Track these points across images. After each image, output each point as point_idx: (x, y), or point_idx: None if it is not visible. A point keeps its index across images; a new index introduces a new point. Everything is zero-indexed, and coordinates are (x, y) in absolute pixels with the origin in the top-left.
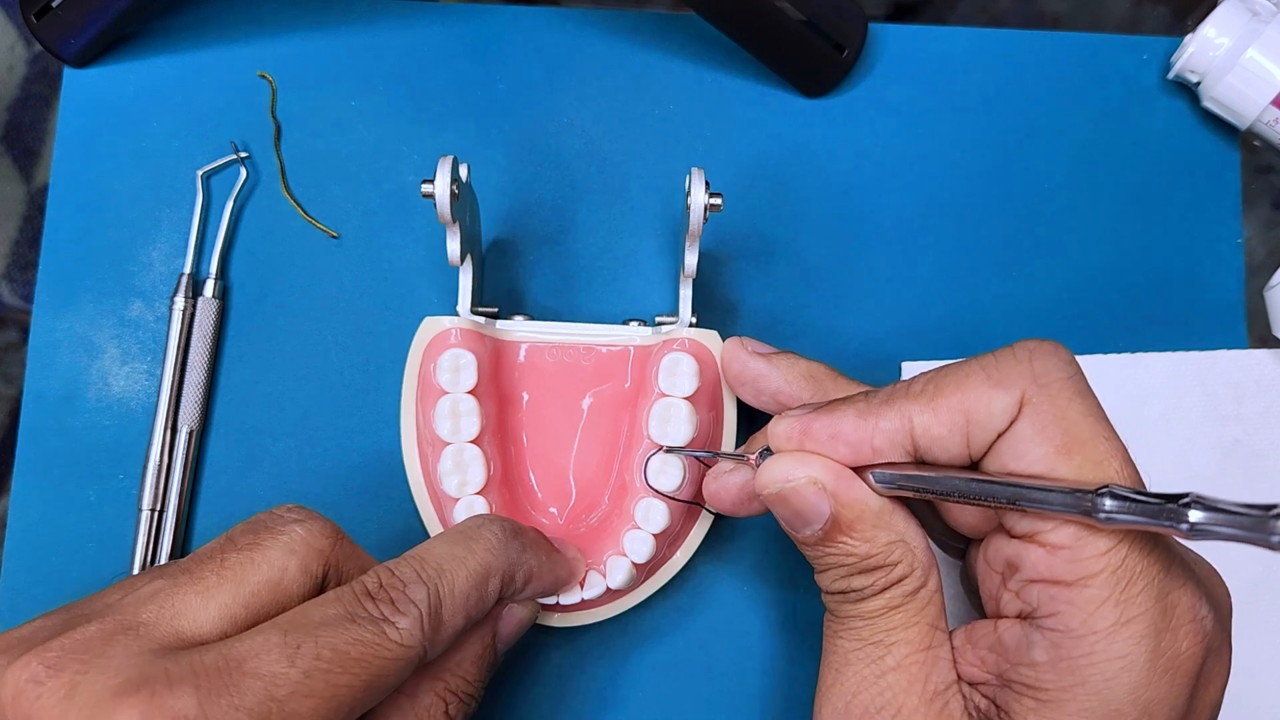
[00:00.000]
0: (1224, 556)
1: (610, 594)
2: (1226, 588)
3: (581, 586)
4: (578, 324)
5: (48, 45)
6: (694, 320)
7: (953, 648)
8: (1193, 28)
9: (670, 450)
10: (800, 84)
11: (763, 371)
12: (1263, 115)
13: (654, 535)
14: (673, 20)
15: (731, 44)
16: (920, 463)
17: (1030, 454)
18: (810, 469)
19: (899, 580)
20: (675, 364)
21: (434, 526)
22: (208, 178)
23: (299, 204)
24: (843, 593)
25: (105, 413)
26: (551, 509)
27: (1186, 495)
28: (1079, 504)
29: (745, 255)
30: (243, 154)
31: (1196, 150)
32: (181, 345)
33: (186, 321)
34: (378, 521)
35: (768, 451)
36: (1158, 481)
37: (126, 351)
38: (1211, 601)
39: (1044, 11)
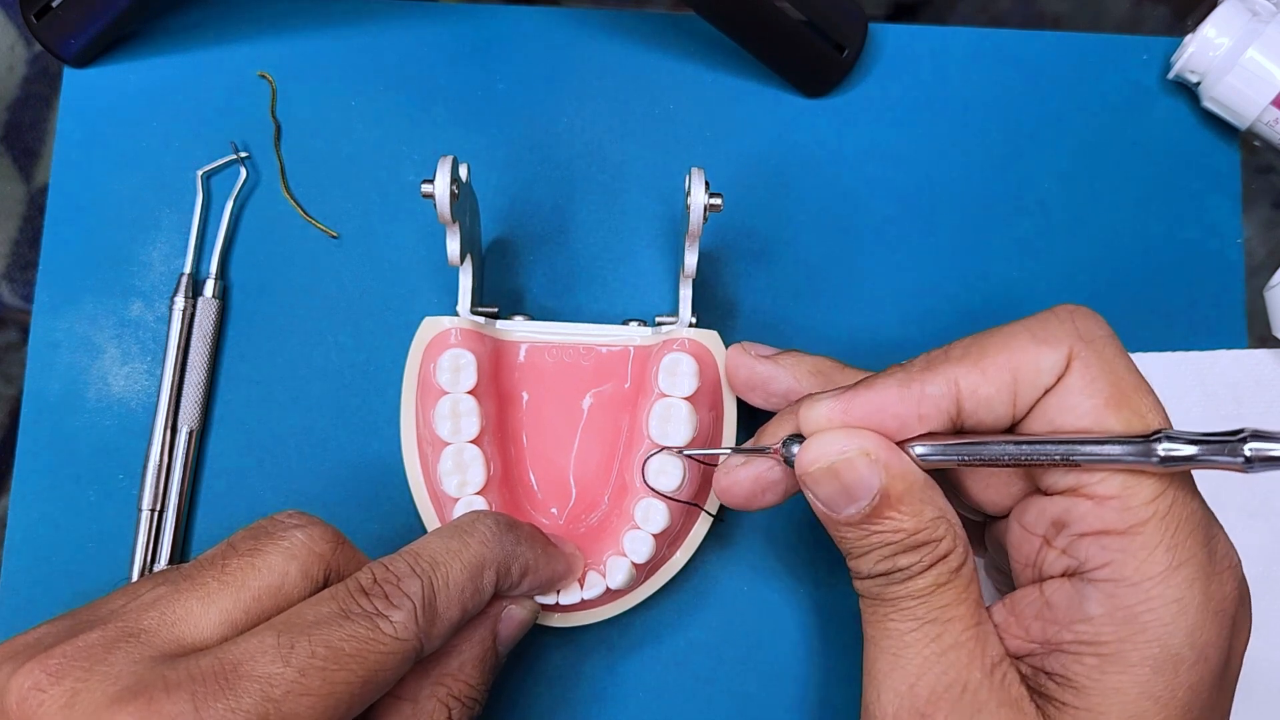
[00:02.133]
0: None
1: (610, 594)
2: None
3: (581, 586)
4: (578, 324)
5: (48, 45)
6: (694, 320)
7: (995, 624)
8: (1193, 28)
9: (680, 452)
10: (800, 84)
11: (771, 374)
12: (1263, 115)
13: (654, 535)
14: (673, 20)
15: (731, 44)
16: (960, 431)
17: (1080, 407)
18: (861, 441)
19: (944, 556)
20: (675, 364)
21: (434, 526)
22: (208, 178)
23: (299, 204)
24: (887, 574)
25: (105, 413)
26: (551, 509)
27: (1242, 431)
28: (1137, 451)
29: (745, 255)
30: (243, 154)
31: (1196, 150)
32: (181, 345)
33: (186, 321)
34: (378, 521)
35: (794, 439)
36: None
37: (126, 351)
38: (1233, 547)
39: (1044, 11)
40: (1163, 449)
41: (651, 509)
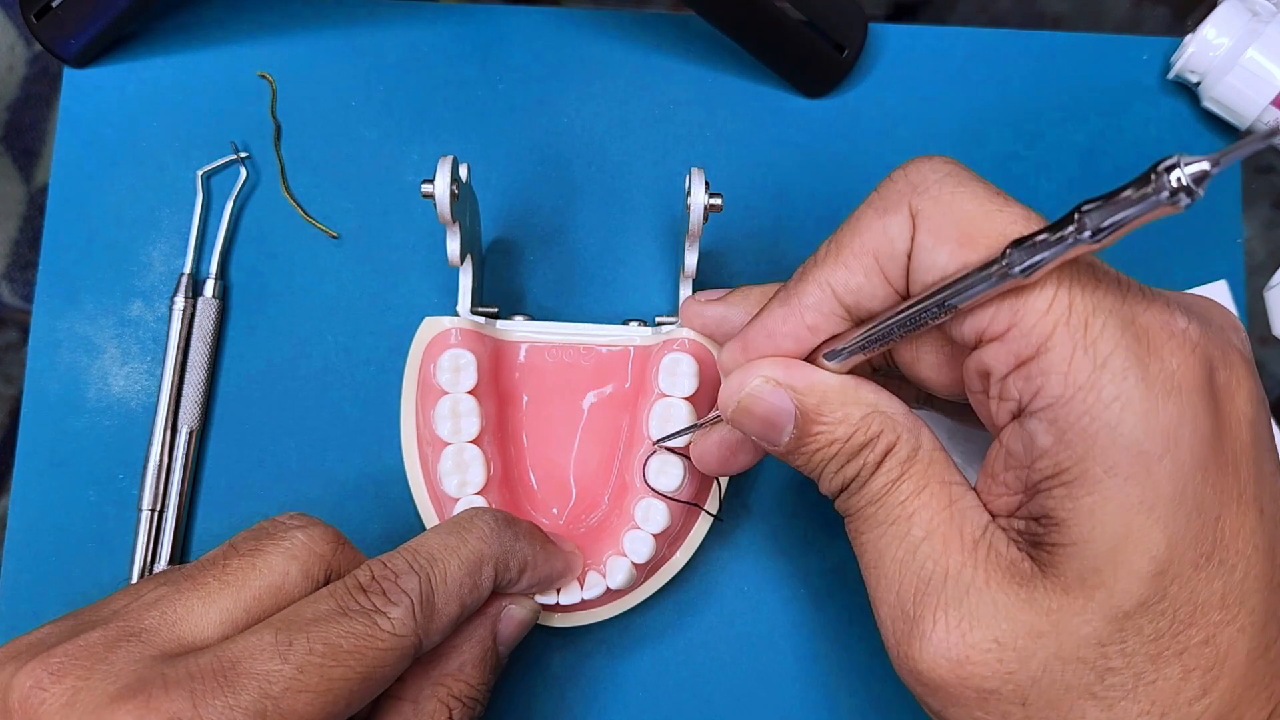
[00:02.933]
0: None
1: (610, 594)
2: (1227, 311)
3: (582, 586)
4: (578, 324)
5: (48, 45)
6: None
7: (978, 494)
8: (1193, 28)
9: (658, 443)
10: (800, 84)
11: (723, 314)
12: (1263, 115)
13: (654, 535)
14: (673, 20)
15: (731, 44)
16: (862, 322)
17: (938, 261)
18: (760, 369)
19: (889, 449)
20: (675, 364)
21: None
22: (208, 178)
23: (299, 204)
24: (844, 488)
25: (105, 413)
26: (552, 509)
27: (1078, 206)
28: (993, 274)
29: (745, 255)
30: (243, 154)
31: (1196, 150)
32: (181, 345)
33: (186, 321)
34: (378, 521)
35: None
36: None
37: (126, 351)
38: (1192, 315)
39: (1044, 11)
40: (1010, 261)
41: (651, 509)
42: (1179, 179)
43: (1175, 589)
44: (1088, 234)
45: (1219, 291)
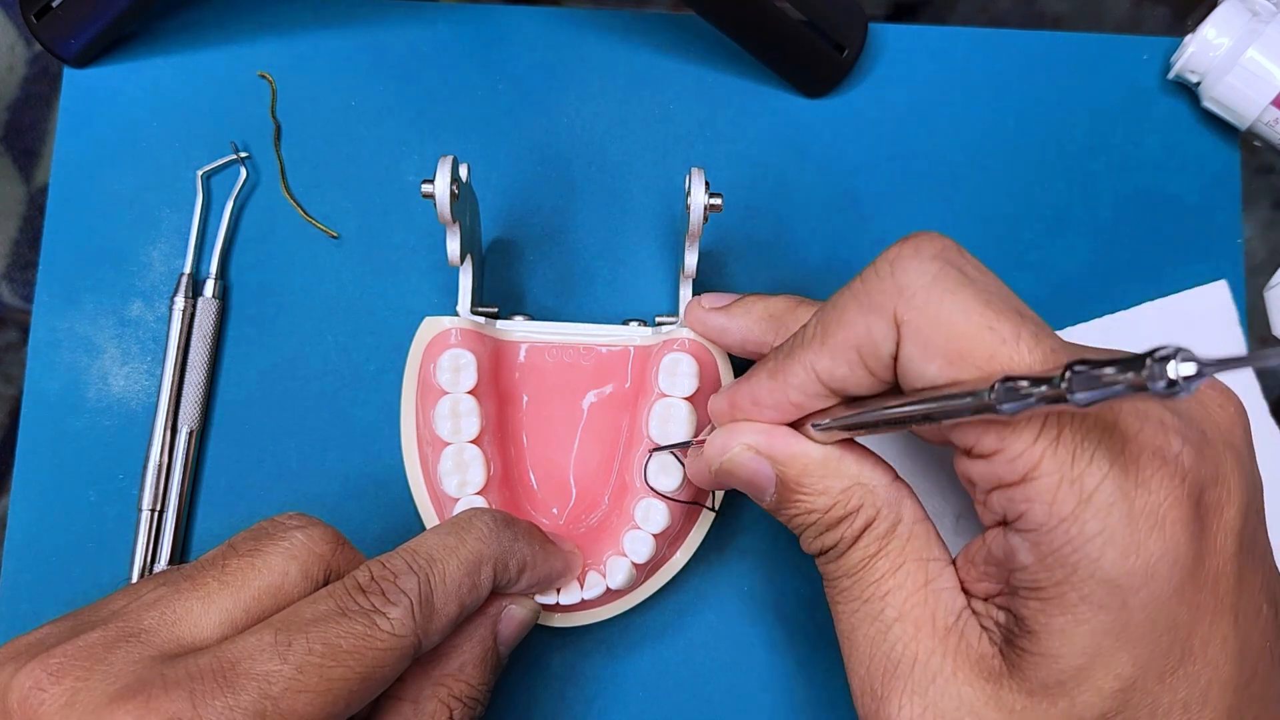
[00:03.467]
0: None
1: (610, 594)
2: (1229, 396)
3: (581, 586)
4: (578, 324)
5: (48, 45)
6: None
7: (957, 570)
8: (1193, 28)
9: (656, 449)
10: (800, 84)
11: (723, 325)
12: (1263, 115)
13: (654, 535)
14: (673, 20)
15: (731, 44)
16: (850, 400)
17: (926, 373)
18: (742, 436)
19: (867, 525)
20: (675, 364)
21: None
22: (208, 178)
23: (299, 204)
24: (822, 554)
25: (105, 413)
26: (552, 509)
27: (1070, 365)
28: (979, 405)
29: (745, 255)
30: (243, 154)
31: (1196, 150)
32: (181, 345)
33: (186, 321)
34: (378, 522)
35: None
36: None
37: (126, 351)
38: (1188, 434)
39: (1044, 11)
40: (997, 398)
41: (651, 509)
42: (1177, 373)
43: (1138, 698)
44: (1075, 396)
45: (1218, 291)
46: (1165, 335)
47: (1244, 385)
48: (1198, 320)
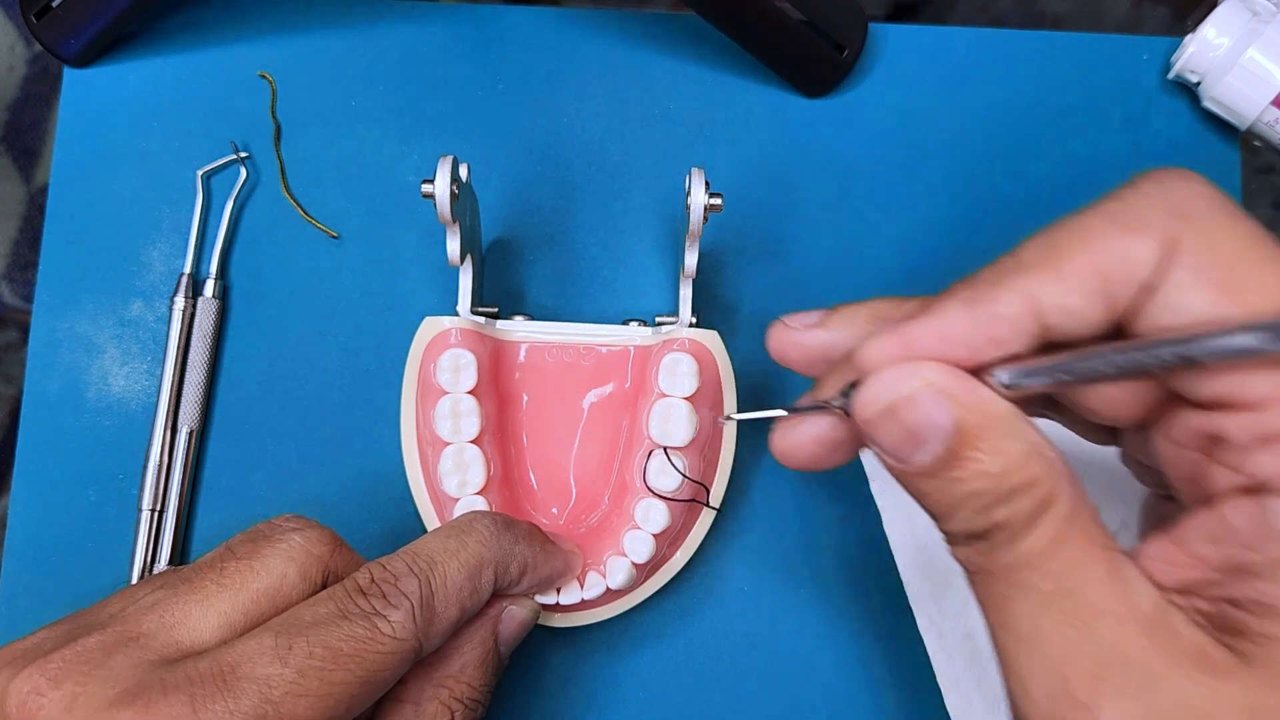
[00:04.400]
0: None
1: (610, 594)
2: None
3: (582, 586)
4: (578, 324)
5: (48, 45)
6: (694, 320)
7: (1143, 559)
8: (1193, 28)
9: (729, 419)
10: (800, 84)
11: (828, 341)
12: (1263, 115)
13: (654, 535)
14: (673, 20)
15: (731, 44)
16: (1048, 346)
17: (1192, 303)
18: (924, 374)
19: (1049, 503)
20: (675, 364)
21: (434, 527)
22: (208, 178)
23: (299, 204)
24: (985, 535)
25: (105, 413)
26: (552, 509)
27: None
28: (1269, 338)
29: (745, 255)
30: (243, 154)
31: (1196, 150)
32: (181, 345)
33: (186, 321)
34: (378, 522)
35: (852, 388)
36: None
37: (126, 351)
38: None
39: (1044, 11)
40: None
41: (652, 509)
42: None
43: None
44: None
45: None
46: None
47: None
48: None
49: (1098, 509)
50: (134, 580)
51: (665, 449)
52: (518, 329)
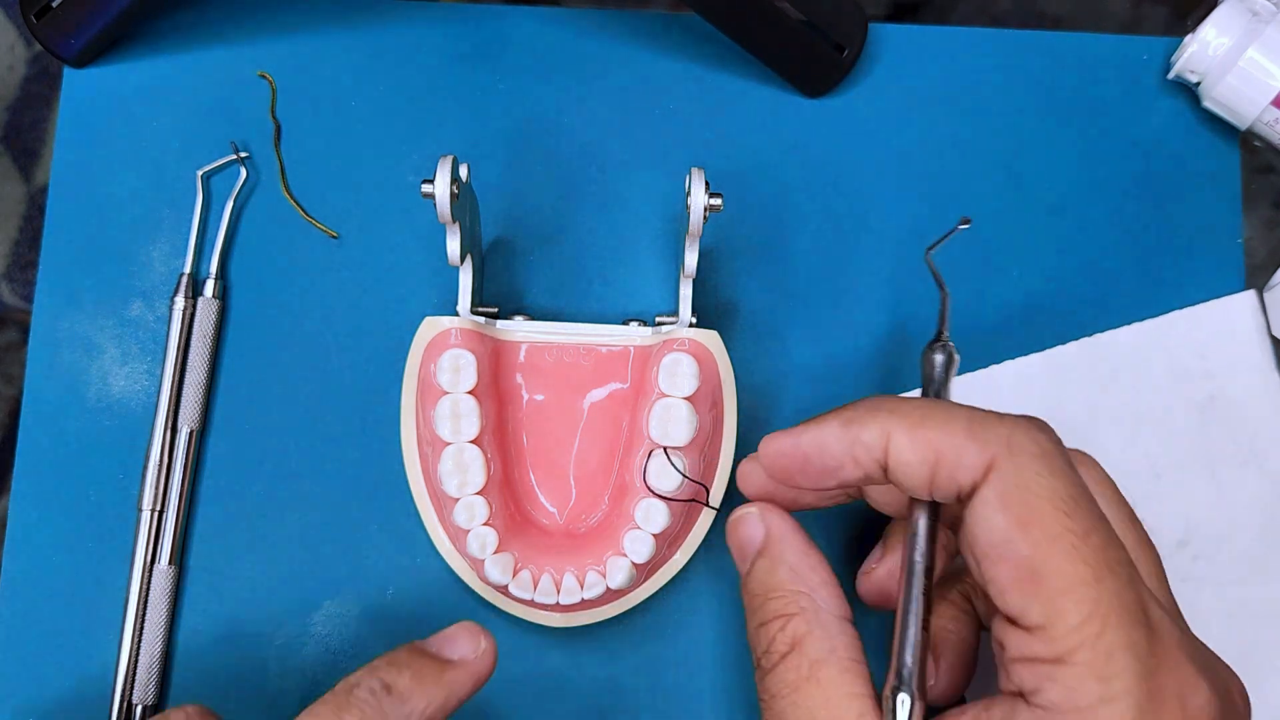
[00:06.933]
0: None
1: (610, 594)
2: (1246, 697)
3: (581, 586)
4: (578, 324)
5: (48, 45)
6: (694, 320)
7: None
8: (1193, 28)
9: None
10: (800, 84)
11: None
12: (1263, 115)
13: (654, 535)
14: (673, 20)
15: (731, 44)
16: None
17: (992, 520)
18: (760, 505)
19: (797, 641)
20: (675, 364)
21: (434, 526)
22: (208, 178)
23: (299, 204)
24: (757, 661)
25: (105, 413)
26: (551, 509)
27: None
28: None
29: (745, 255)
30: (243, 154)
31: (1196, 150)
32: (181, 345)
33: (186, 321)
34: (378, 522)
35: None
36: (1142, 452)
37: (126, 351)
38: (1216, 700)
39: (1044, 11)
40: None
41: (652, 509)
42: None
43: None
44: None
45: (1246, 301)
46: (1193, 345)
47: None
48: (1224, 332)
49: (862, 656)
50: (134, 580)
51: (665, 449)
52: (518, 329)
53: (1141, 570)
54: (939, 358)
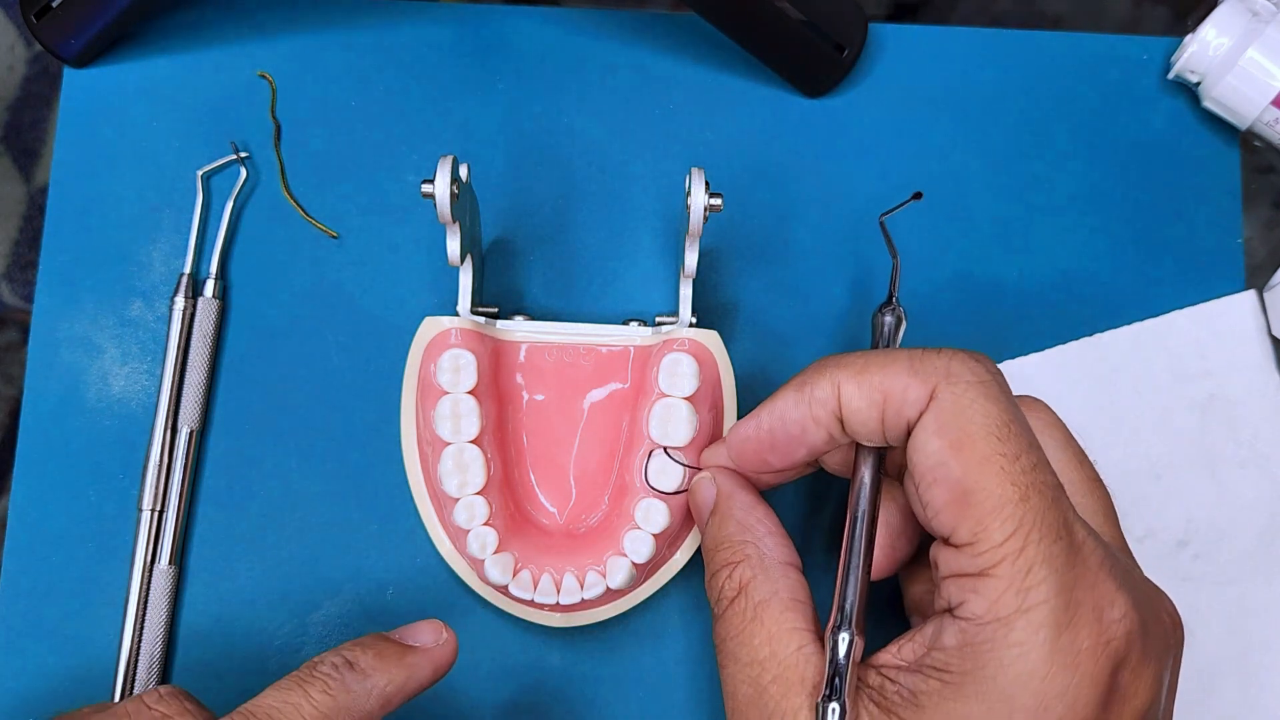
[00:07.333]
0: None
1: (610, 594)
2: (1177, 618)
3: (581, 586)
4: (578, 324)
5: (48, 45)
6: (694, 320)
7: (899, 639)
8: (1193, 28)
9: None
10: (800, 84)
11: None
12: (1263, 115)
13: (654, 535)
14: (673, 20)
15: (731, 44)
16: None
17: (928, 445)
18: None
19: (744, 585)
20: (675, 364)
21: (434, 526)
22: (208, 178)
23: (299, 204)
24: (712, 608)
25: (105, 413)
26: (551, 509)
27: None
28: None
29: (745, 255)
30: (243, 154)
31: (1196, 150)
32: (181, 345)
33: (186, 321)
34: (378, 522)
35: None
36: (1142, 452)
37: (126, 351)
38: (1131, 609)
39: (1044, 11)
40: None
41: (652, 509)
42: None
43: None
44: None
45: (1246, 301)
46: (1193, 345)
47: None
48: (1225, 331)
49: (806, 596)
50: (134, 580)
51: (665, 449)
52: (518, 329)
53: (1089, 506)
54: (888, 319)
